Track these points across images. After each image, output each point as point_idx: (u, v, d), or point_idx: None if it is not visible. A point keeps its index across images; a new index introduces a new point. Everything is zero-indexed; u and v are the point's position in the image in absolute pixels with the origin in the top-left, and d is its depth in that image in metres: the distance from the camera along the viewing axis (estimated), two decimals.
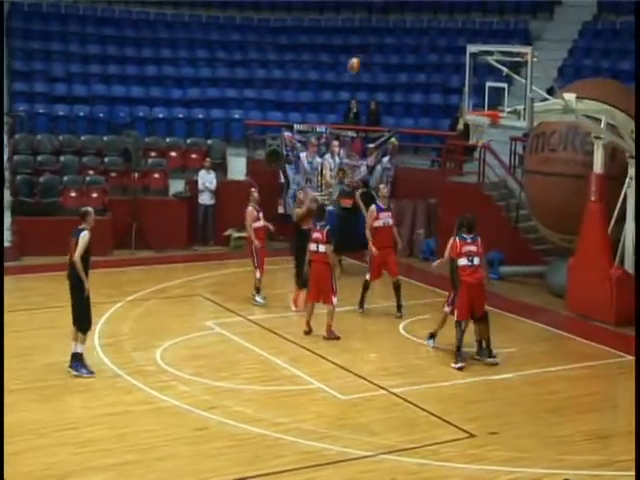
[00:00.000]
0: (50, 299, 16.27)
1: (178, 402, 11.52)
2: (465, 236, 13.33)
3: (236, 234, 20.95)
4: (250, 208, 16.61)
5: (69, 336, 14.13)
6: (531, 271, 18.69)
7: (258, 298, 16.32)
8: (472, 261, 13.21)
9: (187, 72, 25.01)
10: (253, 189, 17.33)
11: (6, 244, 19.02)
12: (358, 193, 20.72)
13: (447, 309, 13.80)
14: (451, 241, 13.60)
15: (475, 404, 11.82)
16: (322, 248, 14.24)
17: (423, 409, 11.51)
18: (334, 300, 14.26)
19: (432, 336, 14.05)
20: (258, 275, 16.34)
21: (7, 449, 9.81)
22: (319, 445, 10.34)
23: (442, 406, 11.62)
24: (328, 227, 14.41)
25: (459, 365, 13.12)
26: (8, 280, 18.14)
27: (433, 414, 11.35)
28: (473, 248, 13.25)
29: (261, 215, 16.64)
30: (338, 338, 14.32)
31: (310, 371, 12.84)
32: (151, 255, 19.88)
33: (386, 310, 16.16)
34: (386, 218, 15.80)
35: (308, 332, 14.53)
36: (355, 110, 23.11)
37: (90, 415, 11.09)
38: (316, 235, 14.37)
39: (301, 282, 15.50)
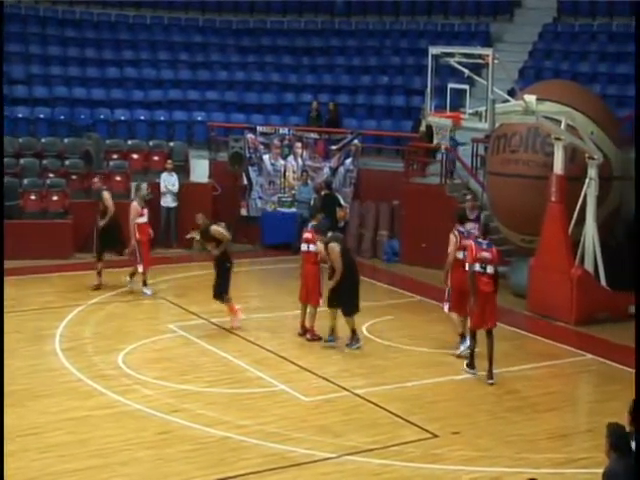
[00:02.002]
0: (12, 304, 16.05)
1: (141, 406, 11.46)
2: (481, 241, 12.93)
3: (199, 237, 20.83)
4: (135, 203, 17.10)
5: (32, 341, 14.09)
6: None
7: (146, 290, 16.94)
8: (485, 269, 12.63)
9: (149, 74, 24.88)
10: (144, 184, 17.72)
11: None
12: (322, 195, 20.82)
13: (446, 308, 13.82)
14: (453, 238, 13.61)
15: (438, 404, 11.89)
16: (312, 248, 14.31)
17: (386, 410, 11.55)
18: (320, 301, 14.32)
19: (463, 338, 13.64)
20: (140, 269, 16.86)
21: None
22: (283, 447, 10.35)
23: (405, 406, 11.67)
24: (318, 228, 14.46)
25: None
26: None
27: (396, 415, 11.40)
28: (487, 255, 12.71)
29: (146, 211, 17.11)
30: (320, 338, 14.32)
31: (273, 373, 12.84)
32: (113, 258, 19.71)
33: None
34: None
35: (303, 334, 14.54)
36: (317, 112, 23.13)
37: (52, 420, 10.99)
38: (306, 235, 14.45)
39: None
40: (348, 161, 21.79)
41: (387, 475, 9.78)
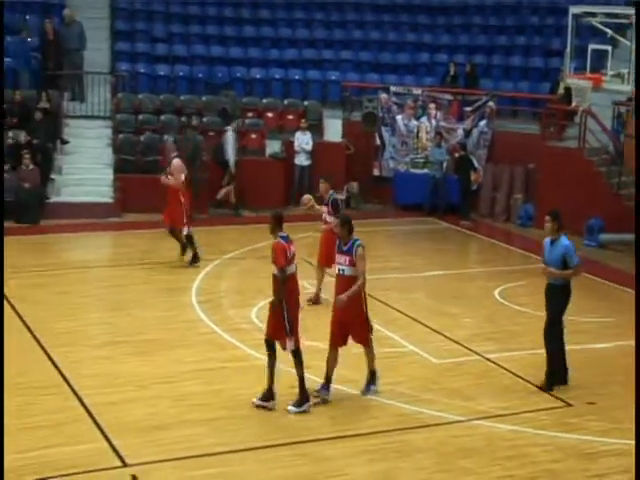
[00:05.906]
0: (148, 255, 16.60)
1: None
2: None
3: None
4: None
5: (165, 292, 14.50)
6: (632, 239, 18.24)
7: None
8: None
9: (285, 33, 25.05)
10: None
11: (109, 200, 19.53)
12: (456, 157, 20.61)
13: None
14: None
15: (572, 373, 11.60)
16: (329, 218, 14.08)
17: (518, 376, 11.41)
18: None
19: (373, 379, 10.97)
20: None
21: (107, 399, 10.13)
22: (412, 408, 10.37)
23: (538, 373, 11.45)
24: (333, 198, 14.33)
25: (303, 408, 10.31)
26: (109, 236, 18.68)
27: (528, 381, 11.24)
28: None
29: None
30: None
31: (403, 334, 12.83)
32: (248, 215, 20.08)
33: (481, 276, 16.03)
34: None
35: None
36: (453, 73, 22.82)
37: (187, 370, 11.28)
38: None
39: None
40: (482, 123, 21.44)
41: (520, 441, 9.67)
